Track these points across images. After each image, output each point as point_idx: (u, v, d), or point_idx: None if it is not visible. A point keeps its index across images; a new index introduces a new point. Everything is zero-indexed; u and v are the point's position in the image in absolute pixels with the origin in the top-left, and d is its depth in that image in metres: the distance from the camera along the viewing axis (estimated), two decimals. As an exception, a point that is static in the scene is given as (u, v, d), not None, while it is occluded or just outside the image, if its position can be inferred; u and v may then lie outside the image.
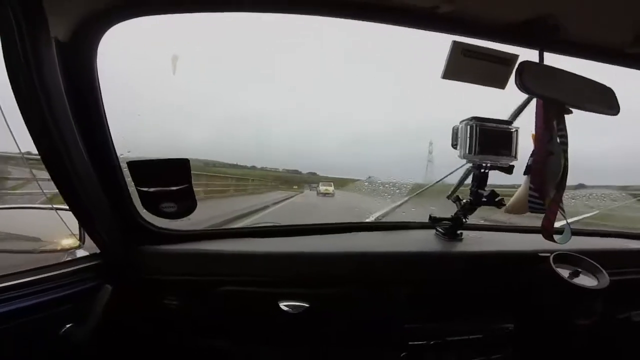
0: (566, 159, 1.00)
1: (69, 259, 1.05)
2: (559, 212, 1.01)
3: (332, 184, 9.33)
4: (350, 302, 1.11)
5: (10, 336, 0.81)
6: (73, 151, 0.80)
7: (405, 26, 0.91)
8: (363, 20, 0.87)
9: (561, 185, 1.00)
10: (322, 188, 9.15)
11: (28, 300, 0.85)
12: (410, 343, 1.11)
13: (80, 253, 1.06)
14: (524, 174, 1.08)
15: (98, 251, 1.04)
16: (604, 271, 1.11)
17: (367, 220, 1.43)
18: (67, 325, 0.91)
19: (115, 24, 0.80)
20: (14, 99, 0.68)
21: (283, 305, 1.06)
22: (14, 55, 0.65)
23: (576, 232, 1.11)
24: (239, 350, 1.14)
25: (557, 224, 1.02)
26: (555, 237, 1.01)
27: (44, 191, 0.91)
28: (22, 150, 0.78)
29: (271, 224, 1.36)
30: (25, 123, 0.71)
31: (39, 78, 0.68)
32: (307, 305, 1.07)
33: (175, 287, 1.10)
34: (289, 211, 7.69)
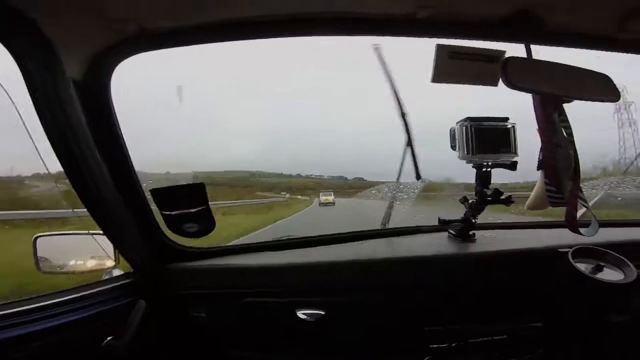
0: (574, 149, 0.97)
1: (107, 277, 1.17)
2: (579, 203, 0.98)
3: (332, 193, 9.32)
4: (367, 308, 1.13)
5: (57, 348, 0.90)
6: (100, 181, 0.90)
7: (385, 35, 0.94)
8: (346, 35, 0.92)
9: (575, 175, 0.98)
10: (322, 198, 9.13)
11: (72, 316, 0.94)
12: (431, 346, 1.11)
13: (116, 272, 1.19)
14: (538, 169, 1.06)
15: (132, 270, 1.15)
16: (630, 264, 1.04)
17: (379, 227, 1.44)
18: (108, 338, 0.99)
19: (127, 57, 0.88)
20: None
21: (301, 313, 1.11)
22: (40, 97, 0.73)
23: (603, 224, 1.04)
24: (260, 358, 1.19)
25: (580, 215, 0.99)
26: (582, 230, 0.97)
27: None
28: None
29: (287, 237, 1.42)
30: (57, 157, 0.81)
31: (64, 116, 0.77)
32: (323, 313, 1.10)
33: (202, 301, 1.18)
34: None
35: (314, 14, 0.83)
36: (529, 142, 1.10)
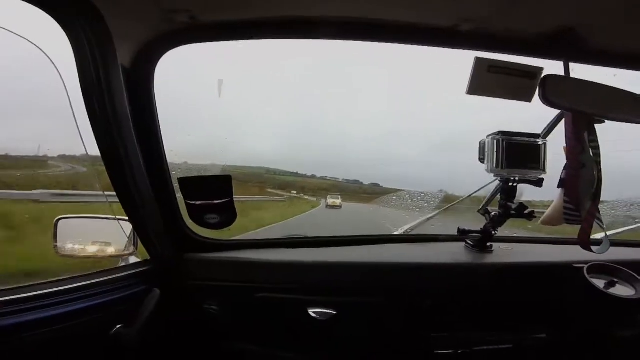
0: (599, 170, 0.99)
1: (123, 264, 1.17)
2: (595, 223, 0.99)
3: (339, 196, 9.36)
4: (377, 310, 1.13)
5: (68, 335, 0.88)
6: (136, 168, 0.90)
7: (428, 45, 0.96)
8: (389, 43, 0.93)
9: (596, 196, 0.99)
10: (330, 201, 9.18)
11: (86, 302, 0.93)
12: (436, 352, 1.11)
13: (132, 260, 1.18)
14: (558, 187, 1.06)
15: (149, 258, 1.14)
16: None
17: (396, 232, 1.45)
18: (117, 327, 0.98)
19: (175, 48, 0.89)
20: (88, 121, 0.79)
21: (312, 312, 1.11)
22: (89, 81, 0.74)
23: (614, 243, 1.07)
24: (269, 354, 1.19)
25: (594, 235, 1.01)
26: (594, 247, 0.99)
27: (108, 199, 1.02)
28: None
29: (303, 236, 1.42)
30: (97, 141, 0.82)
31: (110, 101, 0.77)
32: (334, 312, 1.10)
33: (215, 293, 1.18)
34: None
35: (364, 20, 0.84)
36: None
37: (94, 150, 0.85)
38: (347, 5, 0.79)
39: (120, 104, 0.81)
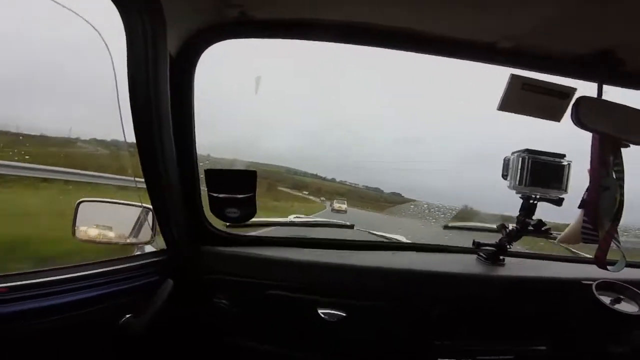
0: (622, 194, 1.00)
1: (139, 253, 1.16)
2: (613, 243, 1.01)
3: (345, 201, 9.54)
4: (384, 315, 1.14)
5: (79, 322, 0.88)
6: (168, 157, 0.90)
7: (467, 60, 0.97)
8: (430, 54, 0.95)
9: (616, 218, 1.01)
10: (336, 205, 9.31)
11: (98, 290, 0.92)
12: (439, 359, 1.12)
13: (148, 249, 1.17)
14: (579, 207, 1.08)
15: (165, 248, 1.13)
16: None
17: (409, 240, 1.45)
18: (127, 316, 0.97)
19: (222, 40, 0.89)
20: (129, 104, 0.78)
21: (321, 312, 1.11)
22: (137, 65, 0.74)
23: (628, 264, 1.10)
24: (275, 352, 1.18)
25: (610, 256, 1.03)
26: (609, 266, 1.01)
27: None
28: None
29: (319, 237, 1.41)
30: (134, 125, 0.81)
31: (154, 87, 0.77)
32: (344, 314, 1.11)
33: (226, 287, 1.17)
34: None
35: (407, 30, 0.86)
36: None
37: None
38: (395, 15, 0.80)
39: (163, 91, 0.81)
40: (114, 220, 1.15)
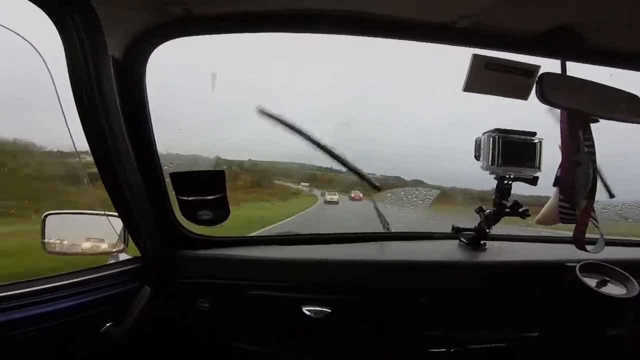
0: (595, 169, 0.99)
1: (113, 261, 1.14)
2: (590, 222, 1.00)
3: (337, 193, 9.59)
4: (371, 308, 1.13)
5: (56, 333, 0.87)
6: (125, 161, 0.88)
7: (425, 41, 0.95)
8: (383, 38, 0.92)
9: (591, 194, 1.00)
10: (327, 197, 9.42)
11: (74, 300, 0.91)
12: (430, 350, 1.12)
13: (123, 257, 1.15)
14: (553, 185, 1.07)
15: (139, 255, 1.12)
16: (634, 280, 1.07)
17: (391, 230, 1.44)
18: (107, 324, 0.96)
19: (169, 40, 0.87)
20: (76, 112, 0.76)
21: (306, 310, 1.10)
22: (78, 72, 0.72)
23: (609, 242, 1.09)
24: (263, 353, 1.18)
25: (588, 234, 1.02)
26: (588, 247, 1.00)
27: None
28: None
29: (296, 233, 1.40)
30: (85, 133, 0.79)
31: (99, 93, 0.75)
32: (329, 310, 1.10)
33: (207, 290, 1.16)
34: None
35: (360, 13, 0.83)
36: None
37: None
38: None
39: (110, 96, 0.79)
40: (83, 231, 1.13)
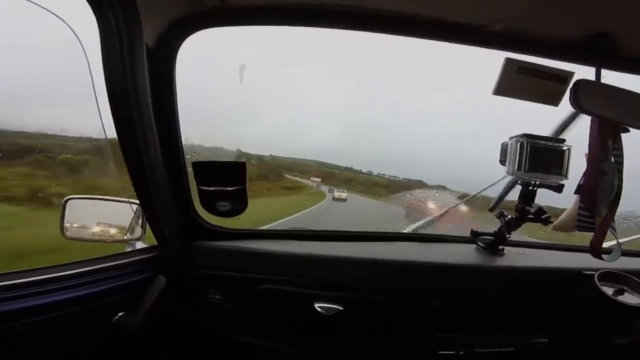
0: (620, 179, 0.98)
1: (129, 250, 1.14)
2: (609, 231, 0.99)
3: (345, 190, 9.90)
4: (383, 308, 1.12)
5: (70, 321, 0.86)
6: (152, 150, 0.88)
7: (458, 43, 0.94)
8: (419, 38, 0.91)
9: (614, 204, 0.98)
10: (336, 194, 9.89)
11: (90, 288, 0.91)
12: (439, 352, 1.11)
13: (139, 245, 1.16)
14: (575, 193, 1.05)
15: (156, 244, 1.11)
16: None
17: (407, 230, 1.43)
18: (119, 314, 0.96)
19: (202, 29, 0.86)
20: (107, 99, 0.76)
21: (318, 306, 1.10)
22: (112, 58, 0.71)
23: (625, 253, 1.08)
24: (272, 348, 1.17)
25: (606, 244, 1.00)
26: (604, 256, 0.99)
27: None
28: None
29: (313, 229, 1.40)
30: (114, 121, 0.79)
31: (132, 80, 0.75)
32: (341, 308, 1.09)
33: (220, 282, 1.16)
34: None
35: (396, 13, 0.82)
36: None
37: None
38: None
39: (142, 83, 0.78)
40: (102, 217, 1.13)
